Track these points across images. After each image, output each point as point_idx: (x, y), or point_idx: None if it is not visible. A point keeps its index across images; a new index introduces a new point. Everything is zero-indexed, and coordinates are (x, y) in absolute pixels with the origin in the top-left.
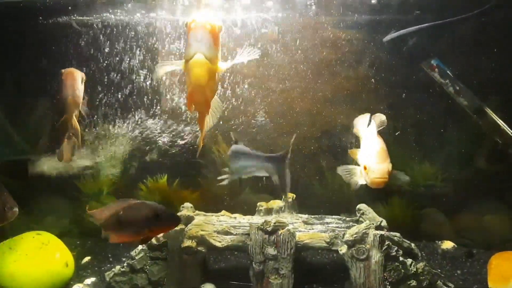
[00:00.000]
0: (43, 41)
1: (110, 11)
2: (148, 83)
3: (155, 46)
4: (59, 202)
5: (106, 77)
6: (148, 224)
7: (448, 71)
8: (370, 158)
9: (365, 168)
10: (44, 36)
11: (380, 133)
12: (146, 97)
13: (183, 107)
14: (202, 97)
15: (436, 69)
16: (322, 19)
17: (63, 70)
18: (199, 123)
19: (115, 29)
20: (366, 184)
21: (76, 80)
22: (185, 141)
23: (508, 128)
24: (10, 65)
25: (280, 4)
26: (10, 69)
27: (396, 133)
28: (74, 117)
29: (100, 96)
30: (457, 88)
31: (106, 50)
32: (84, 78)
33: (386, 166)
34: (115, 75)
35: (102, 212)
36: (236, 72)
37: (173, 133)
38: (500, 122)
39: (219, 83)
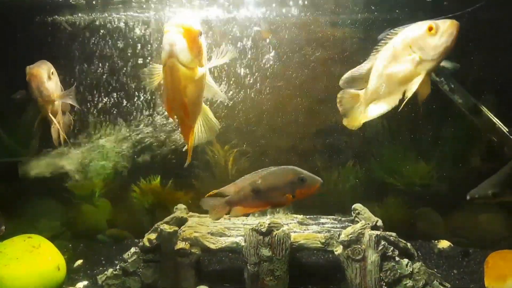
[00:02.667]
0: (33, 41)
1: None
2: (141, 84)
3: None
4: (51, 205)
5: (98, 77)
6: (292, 188)
7: (443, 69)
8: (417, 26)
9: (430, 27)
10: (35, 35)
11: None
12: (139, 97)
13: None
14: (178, 103)
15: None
16: (315, 17)
17: (27, 69)
18: (181, 130)
19: (106, 30)
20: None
21: (41, 79)
22: (179, 141)
23: (503, 126)
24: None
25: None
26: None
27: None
28: (50, 113)
29: (92, 96)
30: (452, 86)
31: (99, 51)
32: (52, 70)
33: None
34: (109, 76)
35: (229, 188)
36: (229, 72)
37: (166, 133)
38: (495, 120)
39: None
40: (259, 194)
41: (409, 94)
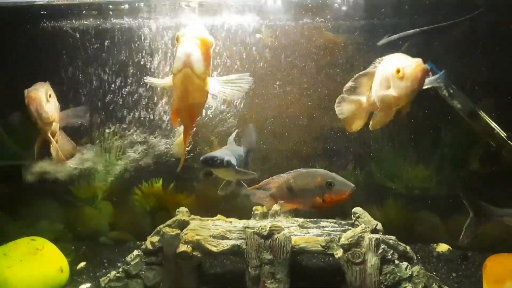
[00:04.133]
0: (36, 44)
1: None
2: (144, 88)
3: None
4: (54, 207)
5: (102, 82)
6: (321, 191)
7: (442, 75)
8: (397, 61)
9: (398, 71)
10: (38, 39)
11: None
12: (141, 101)
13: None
14: (187, 112)
15: (430, 73)
16: (316, 24)
17: (26, 92)
18: (184, 137)
19: (111, 36)
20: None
21: (39, 102)
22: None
23: (502, 131)
24: (2, 68)
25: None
26: (3, 72)
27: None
28: (49, 134)
29: (95, 100)
30: (451, 91)
31: (103, 55)
32: (50, 93)
33: (417, 59)
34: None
35: (269, 183)
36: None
37: (167, 137)
38: (494, 124)
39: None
40: (293, 193)
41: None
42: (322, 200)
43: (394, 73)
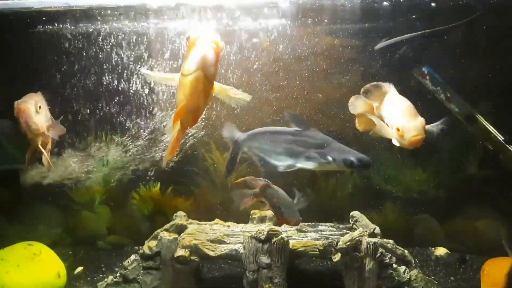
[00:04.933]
0: (34, 48)
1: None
2: (142, 90)
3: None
4: (51, 212)
5: (97, 85)
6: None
7: (439, 78)
8: (401, 118)
9: (398, 130)
10: (36, 43)
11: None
12: (138, 104)
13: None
14: (191, 114)
15: (428, 76)
16: (314, 27)
17: (15, 104)
18: (178, 136)
19: (102, 38)
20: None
21: (29, 115)
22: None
23: (499, 135)
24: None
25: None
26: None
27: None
28: (40, 145)
29: (93, 103)
30: (448, 95)
31: (97, 59)
32: (40, 104)
33: (420, 122)
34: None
35: (254, 182)
36: (227, 80)
37: (165, 140)
38: (491, 128)
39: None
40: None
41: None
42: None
43: (395, 129)
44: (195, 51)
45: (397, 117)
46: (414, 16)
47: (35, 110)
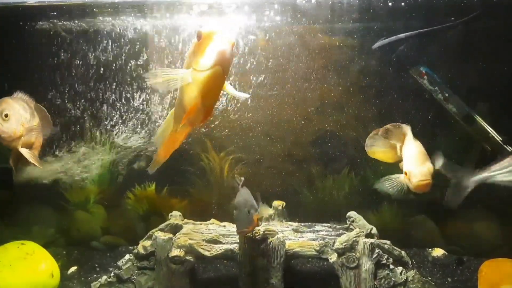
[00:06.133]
0: (29, 45)
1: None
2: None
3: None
4: (45, 211)
5: (92, 84)
6: None
7: (437, 78)
8: (410, 163)
9: (406, 174)
10: (31, 40)
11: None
12: (134, 104)
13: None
14: (202, 112)
15: (425, 76)
16: (311, 26)
17: None
18: (177, 136)
19: (101, 36)
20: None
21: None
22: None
23: (497, 135)
24: None
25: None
26: None
27: None
28: (20, 148)
29: (88, 103)
30: (446, 94)
31: (91, 56)
32: (7, 112)
33: (427, 167)
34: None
35: None
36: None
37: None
38: (489, 128)
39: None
40: None
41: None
42: None
43: (404, 171)
44: (213, 46)
45: (407, 160)
46: (412, 15)
47: (1, 120)
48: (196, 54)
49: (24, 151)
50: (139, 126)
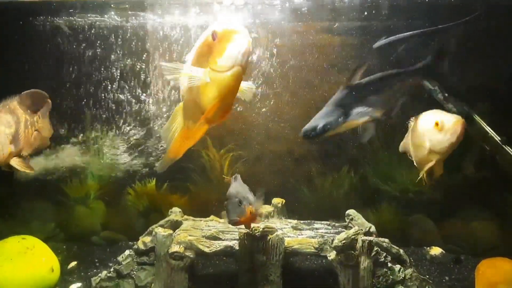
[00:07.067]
0: (27, 41)
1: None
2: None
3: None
4: (45, 206)
5: (95, 80)
6: None
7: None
8: (437, 115)
9: (437, 124)
10: (30, 37)
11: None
12: (135, 99)
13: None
14: (222, 111)
15: None
16: (313, 24)
17: None
18: (196, 132)
19: (106, 33)
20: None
21: None
22: None
23: (496, 135)
24: None
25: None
26: None
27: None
28: (11, 161)
29: (88, 100)
30: (446, 94)
31: (91, 54)
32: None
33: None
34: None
35: None
36: None
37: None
38: (488, 129)
39: None
40: None
41: (421, 174)
42: None
43: (432, 127)
44: (233, 46)
45: (430, 118)
46: (413, 15)
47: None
48: (213, 54)
49: (15, 163)
50: (141, 122)
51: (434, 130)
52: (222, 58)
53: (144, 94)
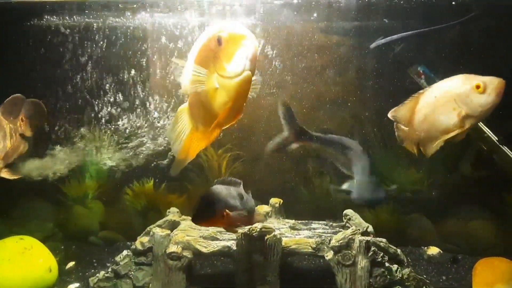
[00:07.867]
0: (29, 42)
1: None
2: (139, 85)
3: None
4: (43, 206)
5: (93, 80)
6: None
7: (435, 78)
8: (471, 78)
9: (478, 86)
10: (29, 38)
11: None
12: (134, 99)
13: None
14: (232, 116)
15: (423, 76)
16: (310, 24)
17: None
18: (209, 135)
19: (106, 32)
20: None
21: None
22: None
23: (493, 135)
24: None
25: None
26: None
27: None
28: (2, 172)
29: (86, 99)
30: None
31: (88, 54)
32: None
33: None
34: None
35: None
36: None
37: (160, 136)
38: (485, 128)
39: None
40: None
41: (442, 140)
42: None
43: (469, 90)
44: (242, 52)
45: (460, 82)
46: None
47: None
48: (219, 60)
49: (6, 175)
50: (140, 122)
51: (473, 93)
52: (231, 65)
53: (143, 94)
